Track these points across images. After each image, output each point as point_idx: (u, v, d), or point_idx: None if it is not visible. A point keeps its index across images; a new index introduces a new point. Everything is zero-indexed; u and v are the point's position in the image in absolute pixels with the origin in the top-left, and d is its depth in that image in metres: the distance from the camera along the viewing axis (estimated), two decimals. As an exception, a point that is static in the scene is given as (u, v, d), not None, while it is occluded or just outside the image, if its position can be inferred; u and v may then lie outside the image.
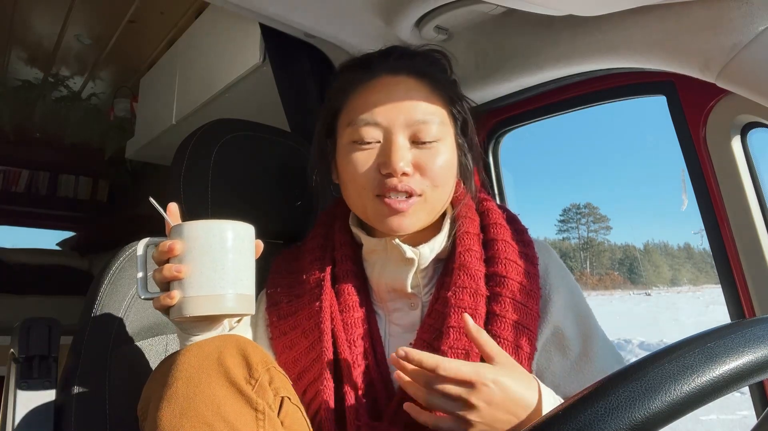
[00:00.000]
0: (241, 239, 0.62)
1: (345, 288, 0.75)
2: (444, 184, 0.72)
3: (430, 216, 0.74)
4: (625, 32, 0.82)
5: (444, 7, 0.95)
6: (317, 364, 0.69)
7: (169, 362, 0.57)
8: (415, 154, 0.71)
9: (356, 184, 0.72)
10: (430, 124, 0.71)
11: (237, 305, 0.60)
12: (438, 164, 0.71)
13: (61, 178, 3.48)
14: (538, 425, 0.33)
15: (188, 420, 0.52)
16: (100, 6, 2.00)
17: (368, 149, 0.71)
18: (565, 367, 0.72)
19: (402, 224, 0.71)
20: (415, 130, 0.71)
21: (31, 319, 0.80)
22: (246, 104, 1.65)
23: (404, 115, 0.71)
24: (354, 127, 0.72)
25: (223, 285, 0.59)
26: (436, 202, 0.73)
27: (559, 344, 0.72)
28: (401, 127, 0.71)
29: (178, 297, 0.58)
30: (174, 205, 0.65)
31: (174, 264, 0.59)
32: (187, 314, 0.58)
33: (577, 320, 0.74)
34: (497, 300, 0.70)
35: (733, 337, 0.35)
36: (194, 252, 0.59)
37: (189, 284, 0.58)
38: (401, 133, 0.71)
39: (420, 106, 0.71)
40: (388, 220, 0.71)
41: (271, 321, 0.77)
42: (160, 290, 0.61)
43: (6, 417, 0.74)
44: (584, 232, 23.10)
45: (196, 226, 0.60)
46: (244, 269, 0.61)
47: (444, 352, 0.67)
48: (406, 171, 0.69)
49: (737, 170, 0.82)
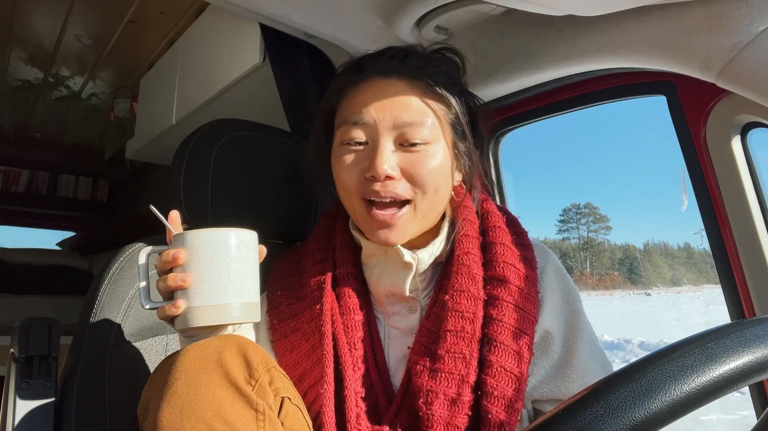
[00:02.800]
0: (246, 246, 0.61)
1: (345, 291, 0.75)
2: (434, 190, 0.70)
3: (421, 225, 0.72)
4: (625, 32, 0.82)
5: (444, 7, 0.95)
6: (318, 367, 0.69)
7: (170, 362, 0.57)
8: (401, 157, 0.69)
9: (344, 187, 0.72)
10: (419, 126, 0.69)
11: (242, 314, 0.59)
12: (427, 168, 0.69)
13: (61, 178, 3.48)
14: (538, 425, 0.33)
15: (188, 420, 0.52)
16: (100, 6, 2.00)
17: (355, 151, 0.71)
18: (547, 370, 0.71)
19: (389, 237, 0.69)
20: (402, 132, 0.69)
21: (31, 319, 0.79)
22: (246, 104, 1.65)
23: (392, 116, 0.69)
24: (343, 128, 0.72)
25: (228, 295, 0.58)
26: (428, 210, 0.71)
27: (546, 348, 0.72)
28: (387, 128, 0.69)
29: (183, 307, 0.58)
30: (176, 212, 0.64)
31: (179, 274, 0.58)
32: (193, 324, 0.58)
33: (566, 324, 0.74)
34: (495, 305, 0.69)
35: (733, 337, 0.35)
36: (199, 262, 0.58)
37: (194, 294, 0.58)
38: (387, 135, 0.69)
39: (409, 108, 0.69)
40: (376, 233, 0.70)
41: (272, 324, 0.77)
42: (162, 299, 0.61)
43: (6, 417, 0.74)
44: (584, 232, 23.09)
45: (199, 235, 0.59)
46: (248, 277, 0.61)
47: (441, 356, 0.66)
48: (390, 174, 0.67)
49: (737, 170, 0.82)
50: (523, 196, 10.13)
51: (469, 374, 0.66)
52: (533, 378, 0.71)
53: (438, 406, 0.64)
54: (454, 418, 0.64)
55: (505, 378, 0.66)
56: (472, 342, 0.67)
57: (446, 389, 0.65)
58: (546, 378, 0.71)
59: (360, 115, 0.70)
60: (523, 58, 0.99)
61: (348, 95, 0.74)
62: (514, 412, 0.65)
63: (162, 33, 2.16)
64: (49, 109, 2.81)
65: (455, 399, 0.65)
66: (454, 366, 0.66)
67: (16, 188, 3.34)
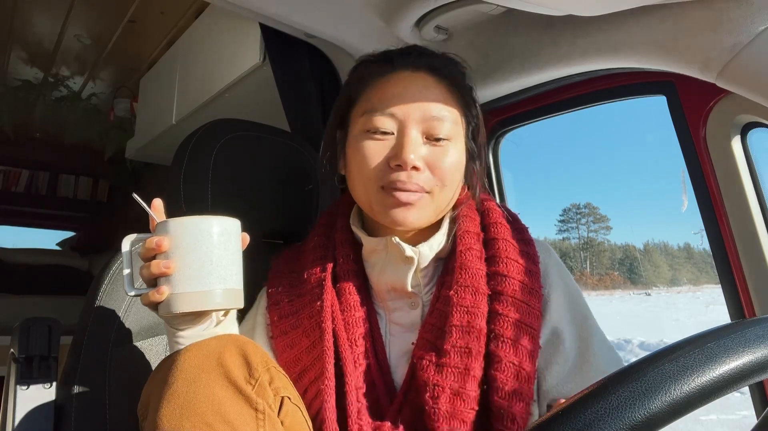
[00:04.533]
0: (228, 234, 0.62)
1: (346, 288, 0.75)
2: (452, 183, 0.73)
3: (435, 215, 0.74)
4: (625, 32, 0.82)
5: (444, 7, 0.95)
6: (318, 363, 0.69)
7: (170, 362, 0.57)
8: (427, 150, 0.71)
9: (362, 174, 0.72)
10: (444, 121, 0.72)
11: (225, 300, 0.60)
12: (449, 162, 0.72)
13: (61, 178, 3.48)
14: (538, 425, 0.33)
15: (188, 419, 0.52)
16: (100, 6, 2.00)
17: (380, 140, 0.72)
18: (564, 368, 0.71)
19: (408, 217, 0.70)
20: (429, 126, 0.71)
21: (31, 319, 0.80)
22: (246, 104, 1.65)
23: (420, 110, 0.71)
24: (368, 116, 0.72)
25: (211, 281, 0.59)
26: (442, 202, 0.73)
27: (557, 345, 0.72)
28: (416, 121, 0.71)
29: (167, 293, 0.58)
30: (159, 200, 0.65)
31: (162, 261, 0.59)
32: (176, 310, 0.58)
33: (575, 321, 0.74)
34: (499, 299, 0.70)
35: (733, 337, 0.35)
36: (181, 249, 0.59)
37: (177, 280, 0.59)
38: (415, 128, 0.71)
39: (436, 103, 0.72)
40: (393, 212, 0.70)
41: (272, 320, 0.77)
42: (146, 286, 0.61)
43: (6, 417, 0.74)
44: (584, 232, 23.09)
45: (182, 222, 0.60)
46: (231, 264, 0.61)
47: (447, 351, 0.67)
48: (417, 165, 0.69)
49: (737, 170, 0.82)
50: (523, 196, 10.09)
51: (475, 368, 0.66)
52: (552, 379, 0.71)
53: (445, 400, 0.64)
54: (461, 412, 0.64)
55: (514, 373, 0.66)
56: (479, 337, 0.67)
57: (453, 383, 0.65)
58: (566, 377, 0.71)
59: (390, 105, 0.72)
60: (523, 58, 0.99)
61: (376, 86, 0.75)
62: (526, 406, 0.66)
63: (162, 33, 2.16)
64: (49, 109, 2.81)
65: (462, 393, 0.65)
66: (461, 361, 0.66)
67: (16, 188, 3.34)
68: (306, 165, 1.01)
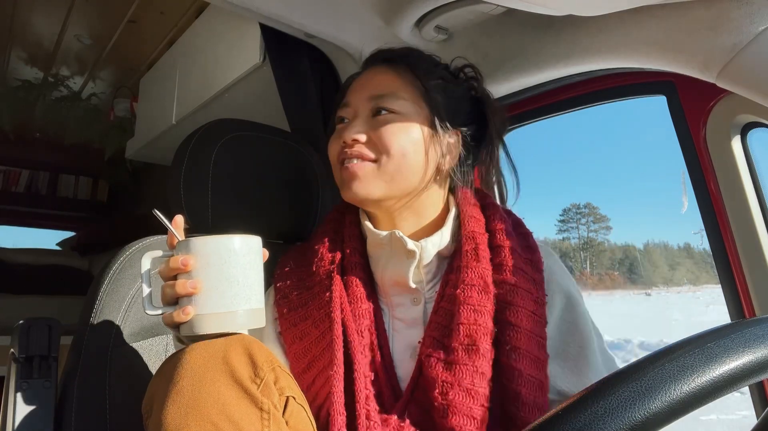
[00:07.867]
0: (253, 253, 0.61)
1: (353, 281, 0.76)
2: (401, 154, 0.74)
3: (390, 186, 0.75)
4: (625, 32, 0.82)
5: (444, 7, 0.95)
6: (328, 351, 0.70)
7: (175, 360, 0.57)
8: (371, 124, 0.76)
9: (330, 158, 0.80)
10: (390, 96, 0.76)
11: (249, 321, 0.59)
12: (389, 131, 0.75)
13: (61, 178, 3.47)
14: (539, 425, 0.33)
15: (193, 418, 0.52)
16: (100, 6, 2.00)
17: (340, 128, 0.80)
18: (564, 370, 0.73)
19: (357, 188, 0.74)
20: (374, 104, 0.77)
21: (31, 319, 0.79)
22: (246, 104, 1.65)
23: (367, 91, 0.78)
24: (337, 111, 0.82)
25: (236, 302, 0.58)
26: (395, 173, 0.75)
27: (557, 348, 0.73)
28: (364, 101, 0.78)
29: (192, 314, 0.57)
30: (180, 217, 0.64)
31: (188, 281, 0.58)
32: (201, 332, 0.57)
33: (574, 324, 0.75)
34: (510, 310, 0.70)
35: (733, 337, 0.35)
36: (208, 269, 0.58)
37: (203, 301, 0.57)
38: (362, 108, 0.78)
39: (382, 83, 0.78)
40: (346, 185, 0.76)
41: (281, 313, 0.78)
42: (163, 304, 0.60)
43: (6, 417, 0.74)
44: (584, 232, 23.10)
45: (206, 242, 0.59)
46: (255, 283, 0.60)
47: (455, 348, 0.67)
48: (356, 138, 0.75)
49: (737, 170, 0.82)
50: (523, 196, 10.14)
51: (483, 365, 0.67)
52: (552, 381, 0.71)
53: (453, 396, 0.65)
54: (470, 409, 0.65)
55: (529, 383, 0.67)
56: (486, 335, 0.68)
57: (461, 380, 0.66)
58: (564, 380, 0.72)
59: (347, 96, 0.81)
60: (523, 58, 0.99)
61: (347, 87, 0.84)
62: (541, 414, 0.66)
63: (162, 33, 2.16)
64: (49, 109, 2.81)
65: (470, 390, 0.65)
66: (468, 358, 0.67)
67: (16, 188, 3.33)
68: (306, 165, 1.01)
